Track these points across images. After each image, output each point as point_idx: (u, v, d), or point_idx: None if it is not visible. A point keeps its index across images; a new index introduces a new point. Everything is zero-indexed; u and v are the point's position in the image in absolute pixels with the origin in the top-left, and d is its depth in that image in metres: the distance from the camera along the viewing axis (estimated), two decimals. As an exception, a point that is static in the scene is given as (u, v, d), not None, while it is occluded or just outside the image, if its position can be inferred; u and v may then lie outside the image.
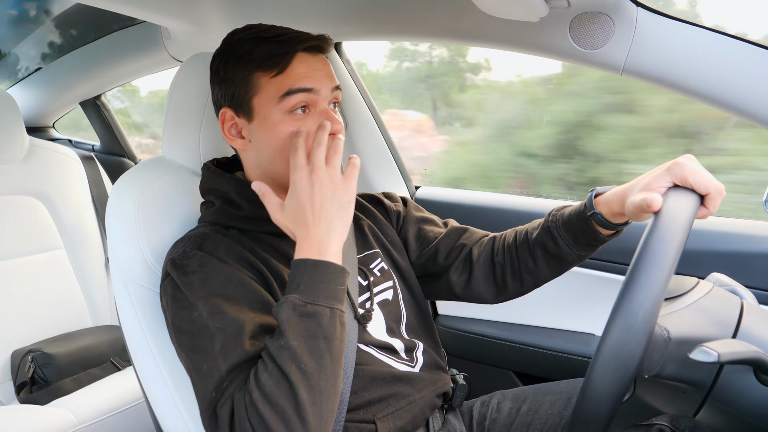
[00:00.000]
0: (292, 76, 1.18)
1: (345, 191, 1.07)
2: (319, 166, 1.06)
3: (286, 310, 0.98)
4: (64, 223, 2.51)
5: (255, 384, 0.95)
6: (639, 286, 0.81)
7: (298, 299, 0.98)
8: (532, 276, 1.34)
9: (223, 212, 1.24)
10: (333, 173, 1.07)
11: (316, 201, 1.04)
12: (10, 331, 2.26)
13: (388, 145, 2.26)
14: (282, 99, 1.17)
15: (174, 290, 1.12)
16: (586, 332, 1.91)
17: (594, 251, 1.28)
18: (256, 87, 1.20)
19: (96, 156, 2.82)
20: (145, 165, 1.37)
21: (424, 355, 1.34)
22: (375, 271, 1.37)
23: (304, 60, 1.20)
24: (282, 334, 0.97)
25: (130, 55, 2.69)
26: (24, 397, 2.10)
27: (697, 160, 1.01)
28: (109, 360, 2.27)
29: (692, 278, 0.98)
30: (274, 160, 1.21)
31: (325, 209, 1.04)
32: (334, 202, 1.05)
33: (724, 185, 0.97)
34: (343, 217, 1.06)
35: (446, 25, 1.60)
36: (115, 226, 1.29)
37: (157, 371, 1.23)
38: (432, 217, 1.54)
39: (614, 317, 0.82)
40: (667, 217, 0.87)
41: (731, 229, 1.66)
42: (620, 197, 1.12)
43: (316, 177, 1.05)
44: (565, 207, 1.28)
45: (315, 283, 1.00)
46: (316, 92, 1.19)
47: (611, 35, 1.35)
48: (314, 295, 0.99)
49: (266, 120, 1.20)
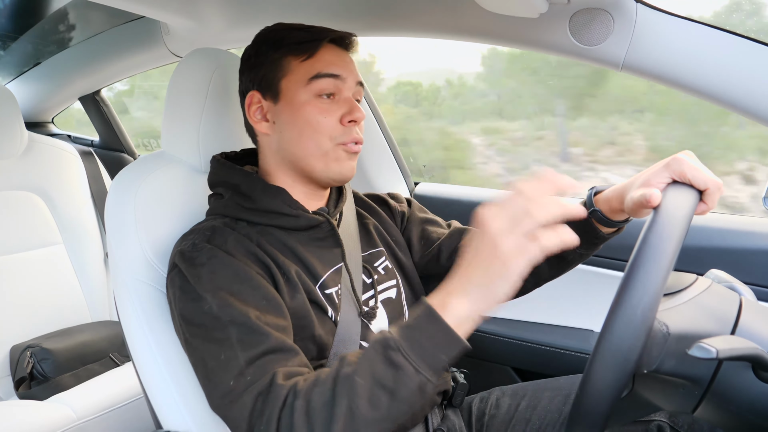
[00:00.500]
0: (322, 62, 1.23)
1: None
2: (532, 251, 0.85)
3: (377, 340, 0.92)
4: (63, 219, 2.51)
5: (305, 391, 0.94)
6: (638, 281, 0.80)
7: (394, 342, 0.90)
8: (533, 276, 1.30)
9: (232, 204, 1.24)
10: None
11: (503, 272, 0.84)
12: (9, 326, 2.26)
13: (387, 141, 2.26)
14: (310, 82, 1.22)
15: (182, 281, 1.12)
16: (585, 328, 1.91)
17: (595, 250, 1.28)
18: (286, 69, 1.24)
19: (95, 151, 2.82)
20: (144, 160, 1.37)
21: None
22: (379, 270, 1.37)
23: (332, 50, 1.25)
24: (358, 362, 0.92)
25: (129, 50, 2.68)
26: (23, 393, 2.11)
27: (695, 156, 1.01)
28: (108, 355, 2.27)
29: (691, 275, 0.98)
30: (295, 142, 1.24)
31: (499, 285, 0.86)
32: (506, 284, 0.85)
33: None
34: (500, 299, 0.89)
35: (447, 22, 1.61)
36: (114, 221, 1.29)
37: (156, 367, 1.23)
38: (435, 218, 1.54)
39: (613, 313, 0.82)
40: (666, 213, 0.87)
41: (730, 226, 1.66)
42: (619, 194, 1.12)
43: (523, 254, 0.83)
44: None
45: (423, 335, 0.89)
46: (342, 80, 1.23)
47: (611, 31, 1.35)
48: (412, 347, 0.89)
49: (293, 101, 1.23)
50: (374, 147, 2.26)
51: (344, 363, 0.94)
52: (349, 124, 1.23)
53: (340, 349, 1.20)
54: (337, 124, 1.22)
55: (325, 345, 1.19)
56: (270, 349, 1.03)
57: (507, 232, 0.83)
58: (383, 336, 0.92)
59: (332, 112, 1.22)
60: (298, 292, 1.17)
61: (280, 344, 1.04)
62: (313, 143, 1.22)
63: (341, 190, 1.41)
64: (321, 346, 1.18)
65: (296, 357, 1.06)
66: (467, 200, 2.13)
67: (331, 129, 1.22)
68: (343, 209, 1.36)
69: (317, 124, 1.21)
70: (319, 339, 1.17)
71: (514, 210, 0.83)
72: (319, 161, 1.24)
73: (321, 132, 1.22)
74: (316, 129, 1.21)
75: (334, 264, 1.27)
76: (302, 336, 1.14)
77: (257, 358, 1.01)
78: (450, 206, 2.07)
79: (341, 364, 0.94)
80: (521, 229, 0.82)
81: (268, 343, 1.03)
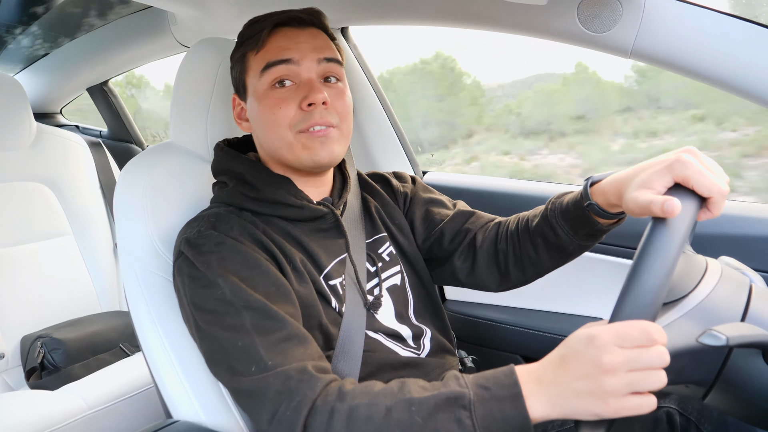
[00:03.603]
0: (270, 50, 1.21)
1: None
2: (638, 406, 0.80)
3: (453, 390, 0.91)
4: (73, 210, 2.52)
5: (352, 396, 0.94)
6: (635, 292, 0.81)
7: (468, 402, 0.89)
8: (534, 265, 1.30)
9: (236, 193, 1.24)
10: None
11: (597, 406, 0.81)
12: (20, 316, 2.27)
13: (395, 129, 2.26)
14: (263, 73, 1.21)
15: (190, 269, 1.11)
16: (594, 316, 1.91)
17: (596, 241, 1.22)
18: (247, 66, 1.25)
19: (103, 142, 2.83)
20: (152, 151, 1.38)
21: (431, 341, 1.34)
22: (383, 256, 1.37)
23: (285, 34, 1.22)
24: (420, 401, 0.91)
25: (136, 40, 2.68)
26: (34, 383, 2.12)
27: (701, 154, 0.92)
28: (118, 345, 2.28)
29: (702, 259, 0.97)
30: (265, 137, 1.24)
31: (587, 409, 0.82)
32: (593, 414, 0.82)
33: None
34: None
35: (454, 10, 1.60)
36: (123, 211, 1.29)
37: (166, 356, 1.23)
38: (441, 198, 1.50)
39: (621, 302, 0.82)
40: (668, 223, 0.85)
41: (739, 213, 1.65)
42: (617, 189, 1.03)
43: (625, 403, 0.80)
44: (565, 195, 1.21)
45: (497, 409, 0.87)
46: (295, 63, 1.20)
47: (619, 18, 1.34)
48: (484, 417, 0.87)
49: (255, 97, 1.23)
50: (381, 135, 2.25)
51: (404, 389, 0.94)
52: (309, 108, 1.18)
53: (346, 340, 1.19)
54: (297, 110, 1.19)
55: (332, 335, 1.18)
56: (287, 336, 1.03)
57: (619, 371, 0.79)
58: (459, 387, 0.91)
59: (290, 100, 1.19)
60: (305, 281, 1.17)
61: (296, 330, 1.05)
62: (276, 136, 1.21)
63: (345, 176, 1.39)
64: (327, 336, 1.18)
65: (312, 344, 1.06)
66: (476, 189, 2.12)
67: (291, 117, 1.18)
68: (348, 197, 1.35)
69: (274, 115, 1.19)
70: (326, 328, 1.17)
71: (632, 352, 0.79)
72: (288, 153, 1.21)
73: (279, 123, 1.19)
74: (275, 121, 1.20)
75: (338, 254, 1.27)
76: (310, 324, 1.14)
77: (276, 344, 1.01)
78: (459, 195, 2.06)
79: (401, 390, 0.94)
80: (633, 377, 0.79)
81: (286, 330, 1.03)
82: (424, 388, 0.94)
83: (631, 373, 0.79)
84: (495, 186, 2.10)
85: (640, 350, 0.79)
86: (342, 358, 1.17)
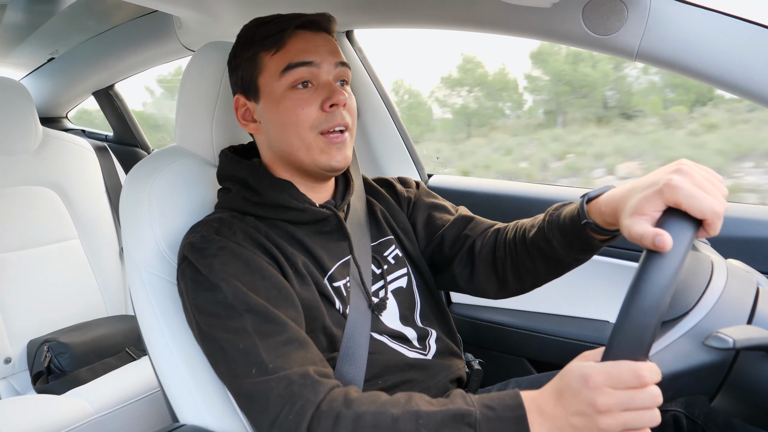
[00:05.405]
0: (291, 52, 1.21)
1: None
2: None
3: (460, 407, 0.93)
4: (79, 214, 2.53)
5: (358, 403, 0.95)
6: (631, 323, 0.80)
7: (474, 420, 0.91)
8: (531, 275, 1.29)
9: (240, 198, 1.25)
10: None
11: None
12: (26, 321, 2.28)
13: (400, 132, 2.26)
14: (283, 74, 1.21)
15: (193, 273, 1.12)
16: (600, 319, 1.91)
17: (593, 254, 1.20)
18: (260, 66, 1.24)
19: (109, 146, 2.83)
20: (158, 155, 1.38)
21: (437, 342, 1.34)
22: (389, 259, 1.37)
23: (303, 37, 1.23)
24: (428, 414, 0.93)
25: (142, 44, 2.69)
26: (40, 387, 2.12)
27: (695, 168, 0.89)
28: (125, 350, 2.29)
29: (707, 266, 0.96)
30: (281, 138, 1.24)
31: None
32: None
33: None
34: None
35: (459, 13, 1.60)
36: (129, 216, 1.29)
37: (173, 360, 1.24)
38: (443, 203, 1.50)
39: (613, 341, 0.82)
40: (661, 256, 0.83)
41: (746, 215, 1.65)
42: (613, 210, 1.00)
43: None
44: (563, 207, 1.19)
45: (500, 428, 0.90)
46: (316, 65, 1.21)
47: (624, 20, 1.34)
48: (487, 430, 0.90)
49: (271, 97, 1.23)
50: (386, 138, 2.25)
51: (411, 402, 0.95)
52: (331, 108, 1.20)
53: (351, 342, 1.19)
54: (319, 111, 1.20)
55: (336, 337, 1.19)
56: (288, 339, 1.04)
57: (614, 411, 0.82)
58: (466, 405, 0.93)
59: (311, 101, 1.20)
60: (307, 283, 1.18)
61: (296, 334, 1.05)
62: (296, 137, 1.21)
63: (348, 180, 1.39)
64: (331, 338, 1.18)
65: (313, 348, 1.07)
66: (482, 192, 2.12)
67: (313, 118, 1.20)
68: (351, 200, 1.35)
69: (296, 116, 1.20)
70: (330, 330, 1.18)
71: (625, 394, 0.81)
72: (305, 155, 1.22)
73: (302, 124, 1.20)
74: (296, 122, 1.20)
75: (342, 256, 1.28)
76: (313, 327, 1.15)
77: (277, 347, 1.02)
78: (464, 198, 2.07)
79: (409, 402, 0.95)
80: (627, 417, 0.82)
81: (287, 333, 1.04)
82: (430, 403, 0.96)
83: (625, 413, 0.81)
84: (500, 189, 2.10)
85: (633, 391, 0.81)
86: (347, 360, 1.18)
